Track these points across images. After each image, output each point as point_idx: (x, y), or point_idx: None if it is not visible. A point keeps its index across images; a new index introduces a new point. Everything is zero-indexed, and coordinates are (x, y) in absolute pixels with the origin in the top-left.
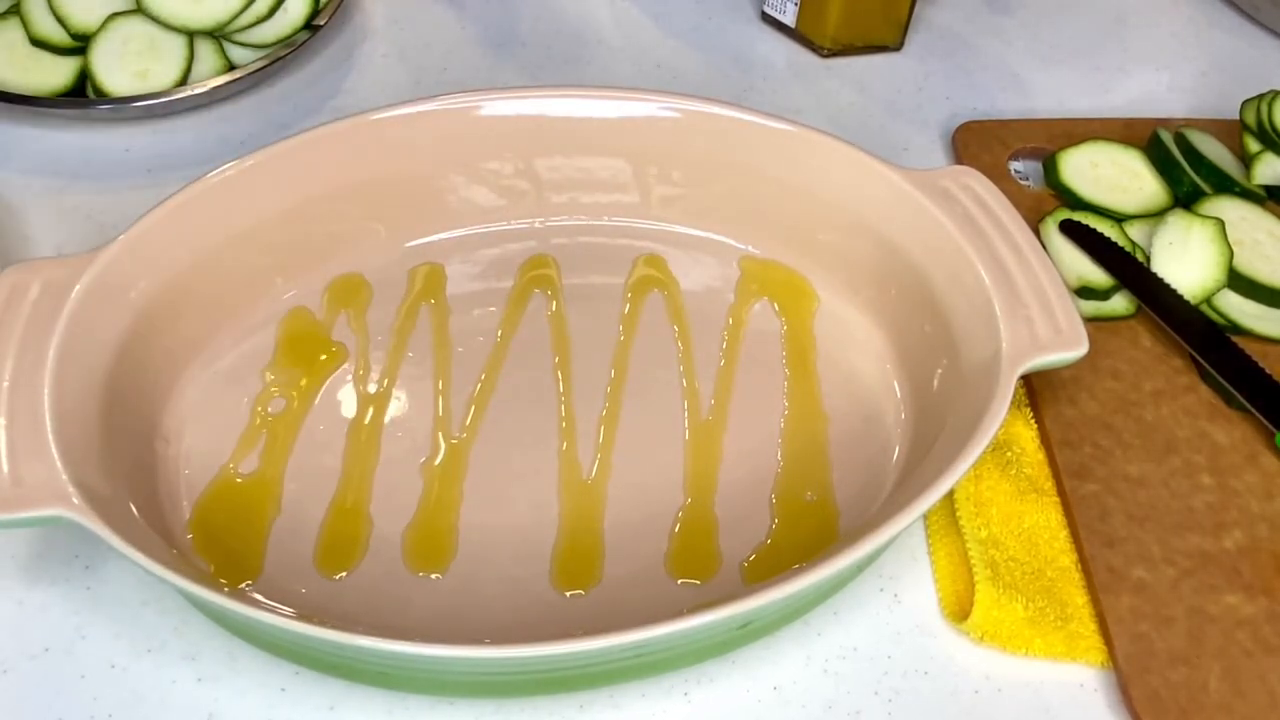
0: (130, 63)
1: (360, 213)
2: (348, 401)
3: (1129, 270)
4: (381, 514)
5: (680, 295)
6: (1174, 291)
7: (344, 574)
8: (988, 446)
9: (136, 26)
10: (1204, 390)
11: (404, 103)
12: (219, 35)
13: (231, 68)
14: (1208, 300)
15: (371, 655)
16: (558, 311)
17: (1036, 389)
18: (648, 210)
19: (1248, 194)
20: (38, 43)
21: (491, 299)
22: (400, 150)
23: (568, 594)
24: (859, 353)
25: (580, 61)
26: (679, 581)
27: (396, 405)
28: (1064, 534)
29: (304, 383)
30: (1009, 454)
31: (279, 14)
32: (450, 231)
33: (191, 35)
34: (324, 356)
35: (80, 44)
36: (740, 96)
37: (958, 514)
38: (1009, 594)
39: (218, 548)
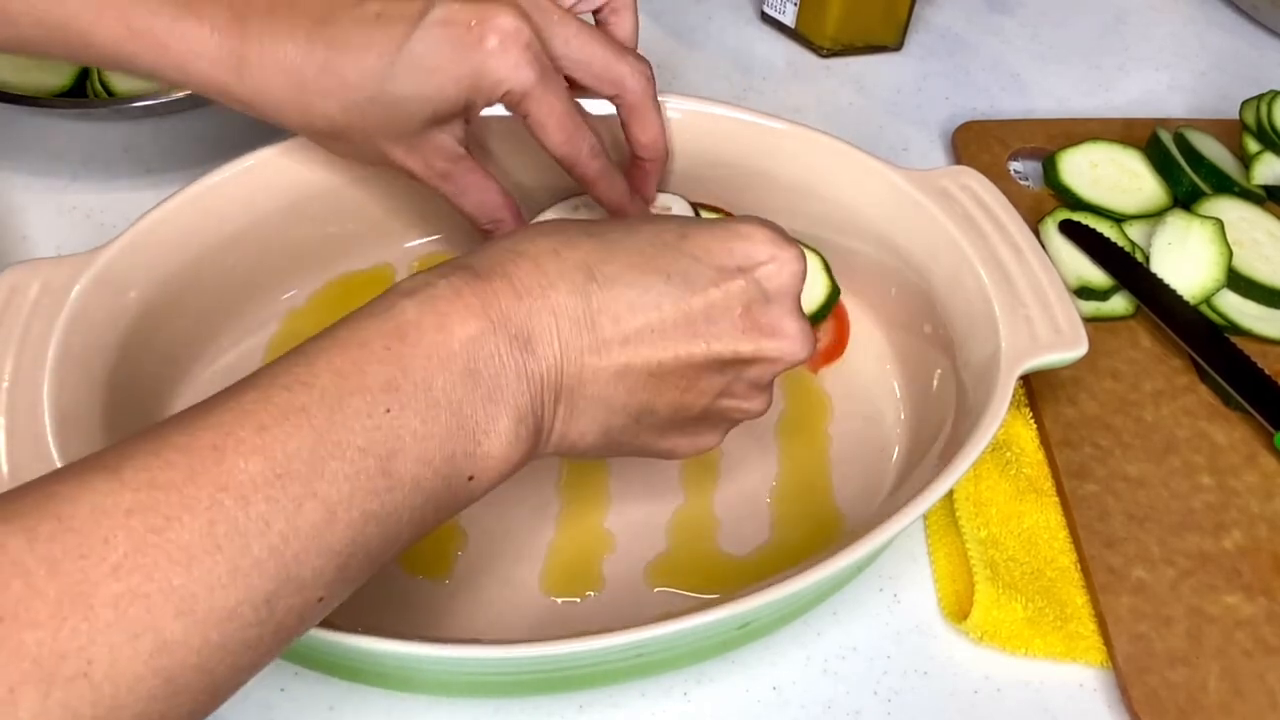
0: None
1: (360, 213)
2: None
3: (1128, 270)
4: None
5: None
6: (1173, 291)
7: None
8: (987, 447)
9: None
10: (1203, 390)
11: None
12: None
13: None
14: (1207, 300)
15: (371, 655)
16: None
17: (1036, 389)
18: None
19: (1247, 194)
20: None
21: None
22: None
23: (567, 594)
24: (859, 353)
25: None
26: (678, 582)
27: None
28: (1063, 534)
29: None
30: (1008, 454)
31: None
32: (449, 232)
33: None
34: None
35: None
36: (740, 96)
37: (957, 514)
38: (1008, 594)
39: None
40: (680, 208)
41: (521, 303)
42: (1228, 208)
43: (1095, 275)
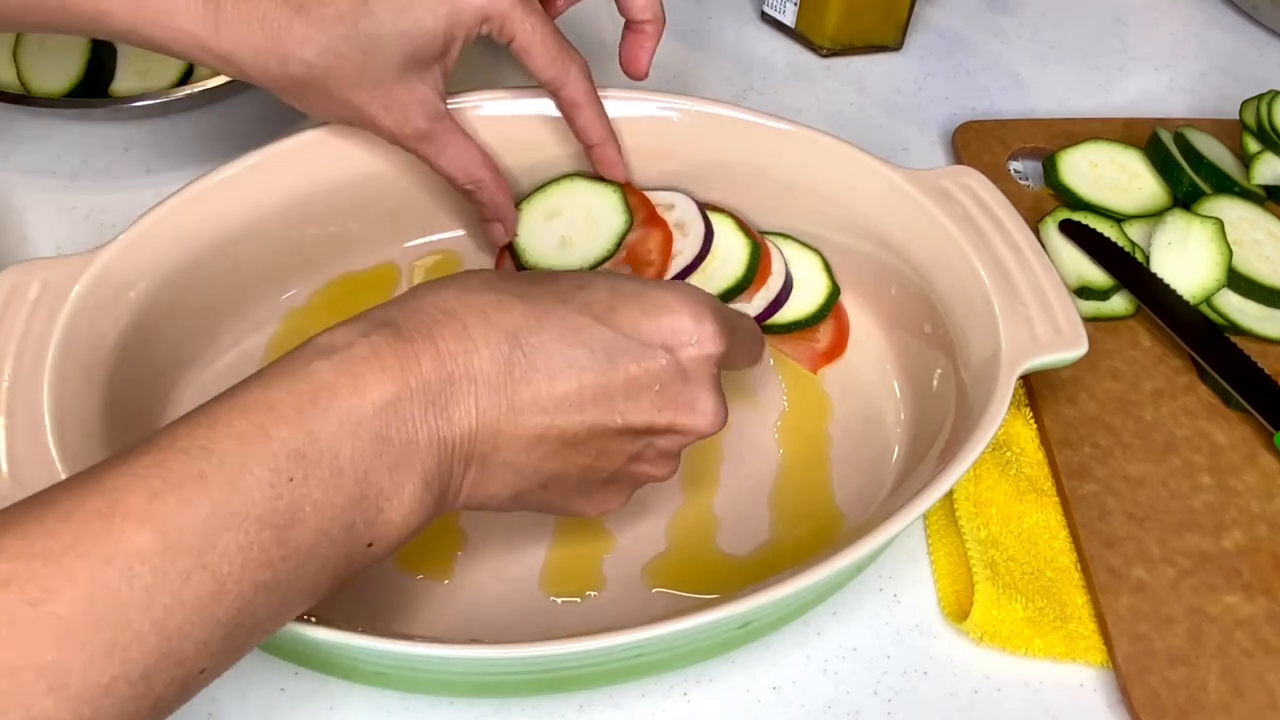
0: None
1: (360, 212)
2: None
3: (1128, 270)
4: None
5: None
6: (1173, 291)
7: None
8: (987, 446)
9: None
10: (1203, 390)
11: None
12: None
13: None
14: (1207, 300)
15: (371, 655)
16: None
17: (1036, 389)
18: None
19: (1247, 194)
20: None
21: None
22: (400, 150)
23: (567, 594)
24: (859, 353)
25: None
26: (678, 582)
27: None
28: (1063, 534)
29: None
30: (1008, 454)
31: None
32: (450, 231)
33: None
34: None
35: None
36: (740, 96)
37: (957, 514)
38: (1008, 594)
39: None
40: (684, 205)
41: (442, 368)
42: (1228, 207)
43: (1095, 275)
